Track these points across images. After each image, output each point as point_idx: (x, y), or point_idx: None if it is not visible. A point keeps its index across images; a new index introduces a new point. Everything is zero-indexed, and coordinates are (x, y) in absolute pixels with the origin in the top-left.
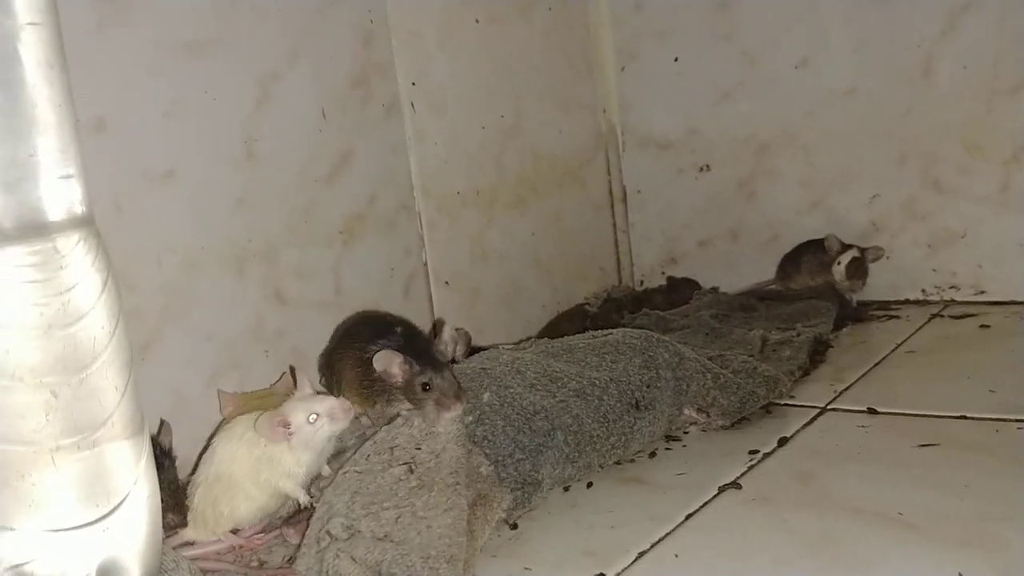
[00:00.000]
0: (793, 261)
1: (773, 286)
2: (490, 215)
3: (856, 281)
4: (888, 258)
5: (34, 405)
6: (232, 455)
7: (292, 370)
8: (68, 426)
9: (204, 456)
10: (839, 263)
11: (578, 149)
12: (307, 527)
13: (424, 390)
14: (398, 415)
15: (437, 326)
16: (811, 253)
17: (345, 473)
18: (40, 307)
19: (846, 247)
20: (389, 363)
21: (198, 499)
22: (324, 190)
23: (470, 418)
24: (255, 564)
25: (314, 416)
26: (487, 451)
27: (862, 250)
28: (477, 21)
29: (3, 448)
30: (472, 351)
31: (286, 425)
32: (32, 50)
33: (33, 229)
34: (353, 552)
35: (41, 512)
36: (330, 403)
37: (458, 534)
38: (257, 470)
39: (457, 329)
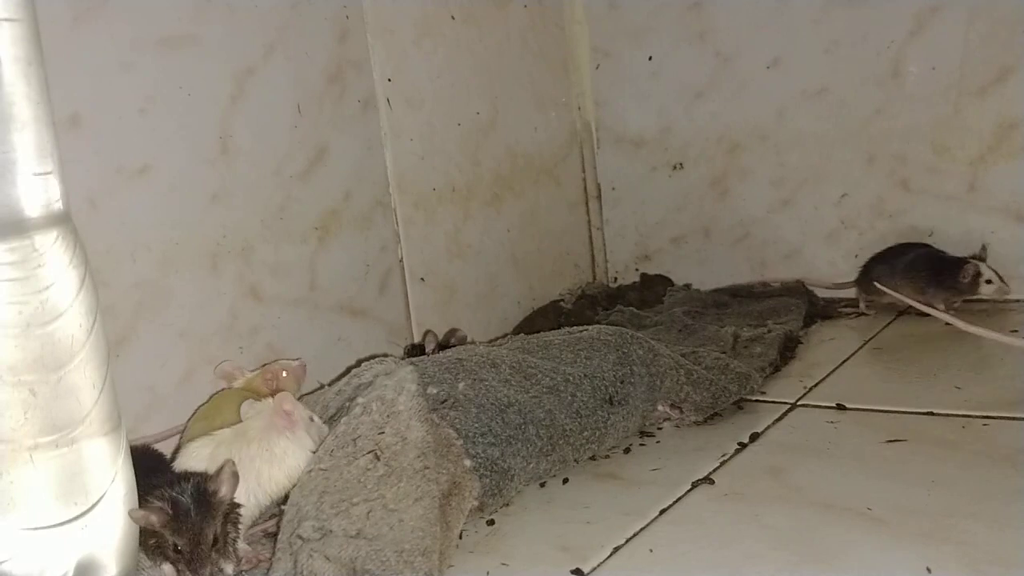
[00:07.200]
0: (923, 274)
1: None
2: (466, 212)
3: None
4: (856, 256)
5: (12, 403)
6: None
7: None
8: (46, 424)
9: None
10: (985, 277)
11: (553, 146)
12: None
13: None
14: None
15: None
16: (948, 272)
17: (310, 473)
18: (18, 305)
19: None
20: None
21: None
22: (299, 186)
23: (434, 390)
24: None
25: (313, 418)
26: (457, 427)
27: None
28: (453, 18)
29: None
30: (443, 348)
31: (289, 416)
32: (9, 47)
33: (11, 227)
34: (326, 551)
35: (19, 510)
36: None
37: (430, 524)
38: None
39: (427, 331)
